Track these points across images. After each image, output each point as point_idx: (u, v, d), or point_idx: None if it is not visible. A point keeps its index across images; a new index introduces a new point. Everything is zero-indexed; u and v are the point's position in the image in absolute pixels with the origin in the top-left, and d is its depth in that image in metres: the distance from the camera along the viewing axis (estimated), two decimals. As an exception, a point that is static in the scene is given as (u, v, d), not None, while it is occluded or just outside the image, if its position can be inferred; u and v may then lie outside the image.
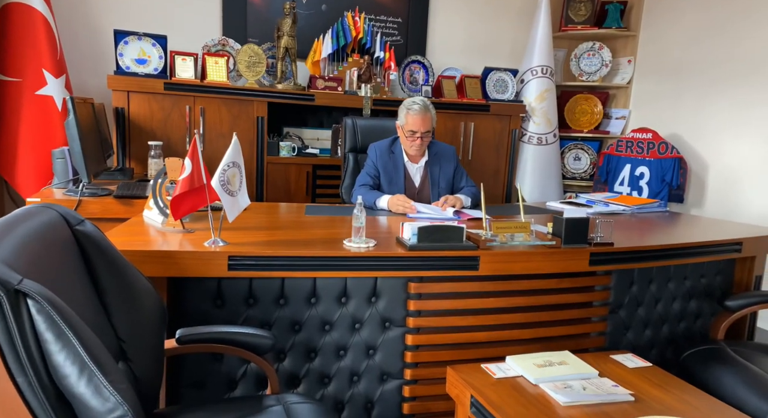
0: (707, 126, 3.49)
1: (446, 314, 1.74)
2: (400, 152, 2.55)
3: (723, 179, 3.39)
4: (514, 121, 3.83)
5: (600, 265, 1.82)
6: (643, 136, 3.62)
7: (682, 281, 2.07)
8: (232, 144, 1.54)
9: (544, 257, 1.75)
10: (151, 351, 1.18)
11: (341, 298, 1.67)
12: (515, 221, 1.80)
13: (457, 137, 3.70)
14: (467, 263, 1.69)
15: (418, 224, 1.67)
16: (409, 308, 1.71)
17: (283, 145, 3.33)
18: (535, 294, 1.81)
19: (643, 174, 3.60)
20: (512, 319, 1.80)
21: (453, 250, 1.67)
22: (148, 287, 1.22)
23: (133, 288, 1.16)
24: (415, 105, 2.40)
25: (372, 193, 2.42)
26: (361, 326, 1.69)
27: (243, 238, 1.68)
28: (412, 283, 1.70)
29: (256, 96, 3.16)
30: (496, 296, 1.77)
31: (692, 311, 2.11)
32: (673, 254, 1.92)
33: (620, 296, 1.95)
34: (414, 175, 2.57)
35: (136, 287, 1.17)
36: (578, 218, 1.79)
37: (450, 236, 1.69)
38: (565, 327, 1.86)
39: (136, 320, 1.15)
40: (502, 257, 1.71)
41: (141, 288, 1.19)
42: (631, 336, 2.00)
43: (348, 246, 1.64)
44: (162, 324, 1.24)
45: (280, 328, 1.62)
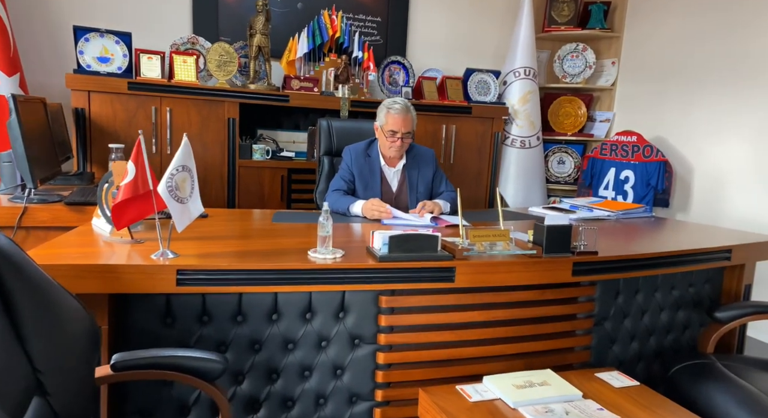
0: (692, 129, 3.42)
1: (420, 330, 1.62)
2: (377, 156, 2.43)
3: (709, 183, 3.32)
4: (497, 124, 3.73)
5: (584, 275, 1.71)
6: (627, 139, 3.54)
7: (670, 291, 1.97)
8: (182, 145, 1.40)
9: (525, 268, 1.63)
10: (77, 382, 1.04)
11: (305, 314, 1.53)
12: (493, 229, 1.68)
13: (438, 140, 3.59)
14: (442, 274, 1.56)
15: (389, 233, 1.55)
16: (380, 324, 1.58)
17: (257, 148, 3.18)
18: (516, 307, 1.69)
19: (628, 178, 3.52)
20: (491, 334, 1.68)
21: (427, 260, 1.55)
22: (77, 308, 1.08)
23: (56, 309, 1.02)
24: (396, 104, 2.28)
25: (345, 199, 2.29)
26: (328, 343, 1.56)
27: (198, 249, 1.54)
28: (383, 296, 1.57)
29: (226, 96, 3.02)
30: (474, 310, 1.65)
31: (680, 321, 2.01)
32: (660, 262, 1.82)
33: (605, 308, 1.85)
34: (391, 180, 2.45)
35: (60, 308, 1.03)
36: (560, 225, 1.68)
37: (423, 245, 1.56)
38: (547, 342, 1.74)
39: (60, 347, 1.01)
40: (479, 267, 1.59)
41: (67, 309, 1.05)
42: (618, 350, 1.89)
43: (313, 257, 1.51)
44: (93, 349, 1.10)
45: (238, 347, 1.48)
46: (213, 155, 3.06)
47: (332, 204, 2.33)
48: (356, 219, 2.21)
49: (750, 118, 3.09)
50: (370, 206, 2.17)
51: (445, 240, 1.68)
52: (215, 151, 3.06)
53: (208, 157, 3.04)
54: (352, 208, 2.24)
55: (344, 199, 2.29)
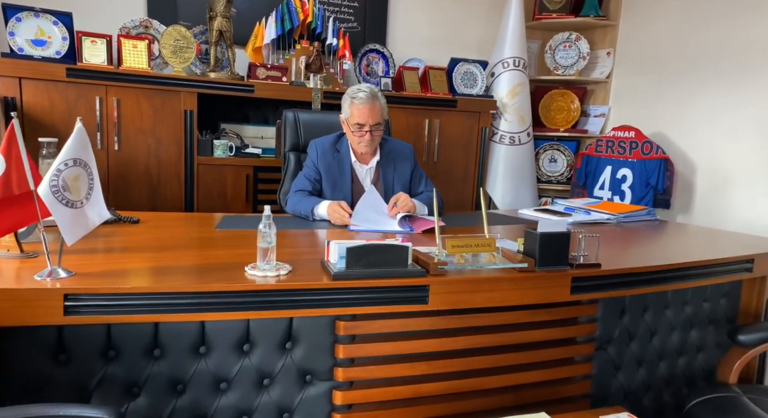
0: (695, 124, 3.16)
1: (388, 362, 1.32)
2: (347, 151, 2.13)
3: (713, 182, 3.07)
4: (484, 119, 3.45)
5: (584, 292, 1.43)
6: (625, 134, 3.28)
7: (682, 308, 1.70)
8: (75, 133, 1.09)
9: (514, 284, 1.35)
10: None
11: (242, 345, 1.23)
12: (476, 238, 1.39)
13: (420, 136, 3.31)
14: (414, 294, 1.27)
15: (346, 244, 1.25)
16: (338, 356, 1.28)
17: (218, 143, 2.87)
18: (503, 331, 1.41)
19: (626, 177, 3.26)
20: (474, 364, 1.39)
21: (394, 277, 1.26)
22: None
23: None
24: (360, 93, 1.98)
25: (309, 200, 1.99)
26: (272, 382, 1.26)
27: (104, 265, 1.23)
28: (340, 322, 1.27)
29: (183, 86, 2.70)
30: (453, 336, 1.37)
31: (693, 343, 1.73)
32: (673, 276, 1.54)
33: (609, 330, 1.57)
34: (363, 179, 2.15)
35: None
36: (556, 233, 1.39)
37: (390, 258, 1.27)
38: (541, 372, 1.46)
39: None
40: (459, 285, 1.30)
41: None
42: (623, 378, 1.61)
43: (251, 275, 1.21)
44: None
45: (154, 389, 1.18)
46: (168, 152, 2.74)
47: (293, 207, 2.03)
48: (322, 225, 1.91)
49: (757, 111, 2.83)
50: (333, 209, 1.88)
51: (417, 251, 1.39)
52: (171, 148, 2.75)
53: (162, 154, 2.73)
54: (317, 209, 1.95)
55: (308, 200, 2.00)
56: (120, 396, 1.15)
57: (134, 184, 2.69)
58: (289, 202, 2.05)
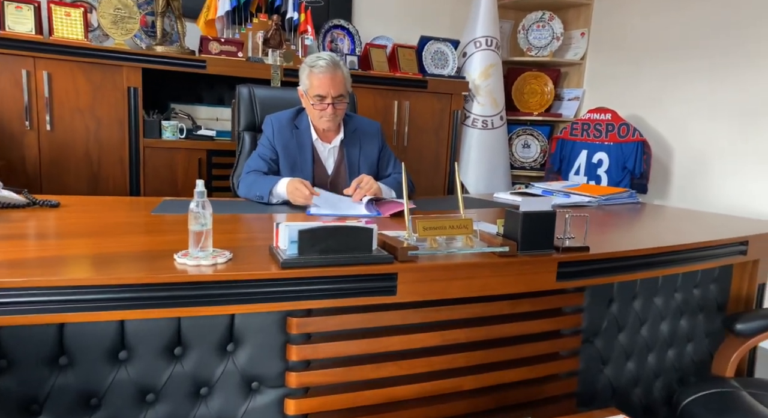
0: (671, 107, 3.07)
1: (350, 363, 1.14)
2: (307, 128, 1.93)
3: (690, 166, 2.98)
4: (456, 101, 3.29)
5: (572, 279, 1.27)
6: (601, 116, 3.16)
7: (672, 295, 1.56)
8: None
9: (494, 271, 1.18)
10: None
11: (173, 348, 1.02)
12: (450, 218, 1.21)
13: (389, 119, 3.12)
14: (380, 284, 1.09)
15: (299, 226, 1.05)
16: (290, 358, 1.09)
17: (167, 125, 2.62)
18: (482, 325, 1.24)
19: (602, 161, 3.15)
20: (449, 363, 1.22)
21: (356, 264, 1.07)
22: None
23: None
24: (320, 61, 1.78)
25: (265, 180, 1.78)
26: (210, 391, 1.06)
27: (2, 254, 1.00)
28: (293, 319, 1.08)
29: (125, 60, 2.44)
30: (425, 331, 1.19)
31: (683, 332, 1.61)
32: (666, 260, 1.40)
33: (596, 320, 1.42)
34: (326, 159, 1.95)
35: None
36: (541, 212, 1.23)
37: (351, 242, 1.08)
38: (524, 369, 1.30)
39: None
40: (431, 272, 1.12)
41: None
42: (610, 373, 1.47)
43: (181, 264, 1.00)
44: None
45: (60, 405, 0.96)
46: (110, 133, 2.47)
47: (247, 189, 1.81)
48: (281, 208, 1.70)
49: (736, 94, 2.75)
50: (294, 187, 1.67)
51: (384, 235, 1.21)
52: (113, 129, 2.48)
53: (103, 136, 2.46)
54: (276, 189, 1.73)
55: (264, 180, 1.78)
56: (15, 415, 0.93)
57: (72, 169, 2.41)
58: (242, 185, 1.83)
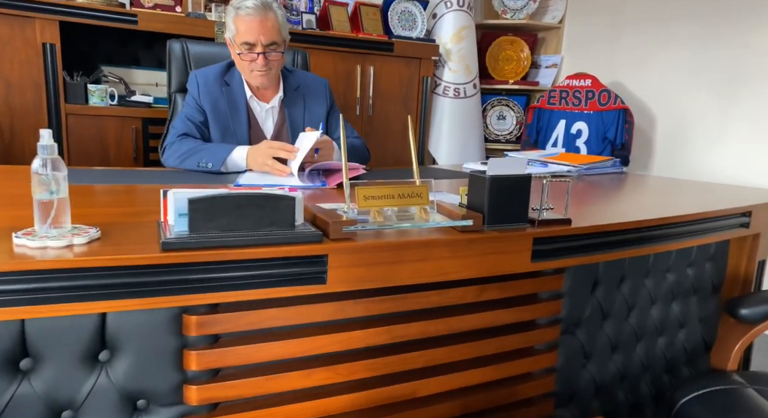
0: (654, 73, 2.86)
1: (270, 371, 0.89)
2: (240, 85, 1.64)
3: (673, 136, 2.79)
4: (425, 67, 3.02)
5: (549, 258, 1.04)
6: (580, 83, 2.93)
7: (664, 276, 1.35)
8: None
9: (454, 250, 0.94)
10: None
11: (17, 361, 0.76)
12: (399, 185, 0.96)
13: (352, 85, 2.84)
14: (305, 269, 0.84)
15: (191, 193, 0.79)
16: (189, 367, 0.84)
17: (94, 89, 2.29)
18: (439, 316, 1.00)
19: (581, 131, 2.93)
20: (400, 365, 0.98)
21: (271, 244, 0.81)
22: None
23: None
24: (248, 1, 1.48)
25: (216, 148, 1.49)
26: (76, 414, 0.80)
27: None
28: (191, 316, 0.82)
29: (38, 11, 2.10)
30: (368, 327, 0.95)
31: (675, 317, 1.40)
32: (660, 234, 1.18)
33: (578, 307, 1.20)
34: (263, 121, 1.68)
35: None
36: (513, 176, 0.98)
37: (265, 215, 0.82)
38: (492, 368, 1.07)
39: None
40: (374, 253, 0.87)
41: None
42: (594, 369, 1.26)
43: (21, 246, 0.73)
44: None
45: None
46: (23, 98, 2.14)
47: (181, 157, 1.51)
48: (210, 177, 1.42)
49: (722, 58, 2.55)
50: (264, 152, 1.40)
51: (314, 207, 0.95)
52: (26, 93, 2.15)
53: (14, 101, 2.13)
54: (232, 160, 1.44)
55: (214, 148, 1.48)
56: None
57: (-22, 139, 2.09)
58: (172, 152, 1.53)
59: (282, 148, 1.38)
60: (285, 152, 1.37)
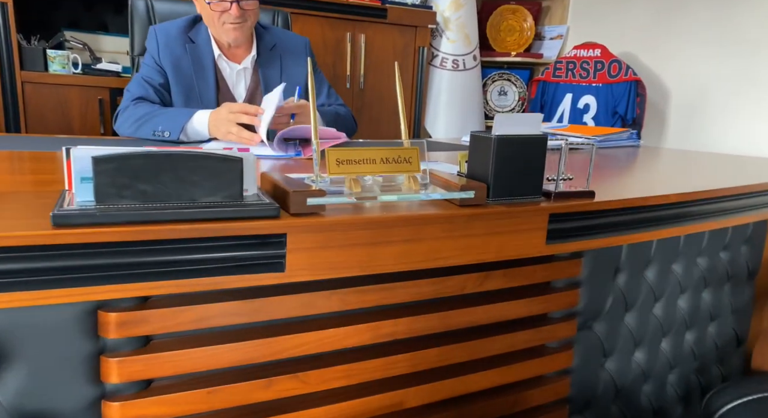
0: (667, 39, 2.64)
1: (220, 380, 0.70)
2: (207, 42, 1.43)
3: (689, 110, 2.58)
4: (422, 36, 2.80)
5: (568, 239, 0.85)
6: (588, 53, 2.72)
7: (694, 260, 1.17)
8: None
9: (450, 229, 0.74)
10: None
11: None
12: (383, 148, 0.76)
13: (342, 55, 2.62)
14: (256, 252, 0.64)
15: (97, 151, 0.59)
16: (108, 379, 0.65)
17: (54, 55, 2.07)
18: (432, 311, 0.82)
19: (589, 106, 2.72)
20: (384, 370, 0.80)
21: (208, 220, 0.62)
22: None
23: None
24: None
25: (172, 113, 1.29)
26: (-47, 441, 0.61)
27: None
28: (109, 313, 0.63)
29: (-14, -35, 1.87)
30: (344, 324, 0.76)
31: (705, 309, 1.22)
32: (696, 211, 0.99)
33: (597, 298, 1.01)
34: (234, 84, 1.47)
35: None
36: (524, 136, 0.79)
37: (201, 181, 0.62)
38: (496, 372, 0.89)
39: None
40: (346, 233, 0.68)
41: None
42: (614, 367, 1.08)
43: None
44: None
45: None
46: (-27, 63, 1.93)
47: (135, 124, 1.31)
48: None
49: (746, 23, 2.33)
50: (223, 117, 1.19)
51: (276, 176, 0.75)
52: (-24, 56, 1.93)
53: (-38, 66, 1.91)
54: (191, 125, 1.24)
55: (169, 113, 1.28)
56: None
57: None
58: (124, 119, 1.33)
59: (243, 110, 1.17)
60: (247, 116, 1.16)
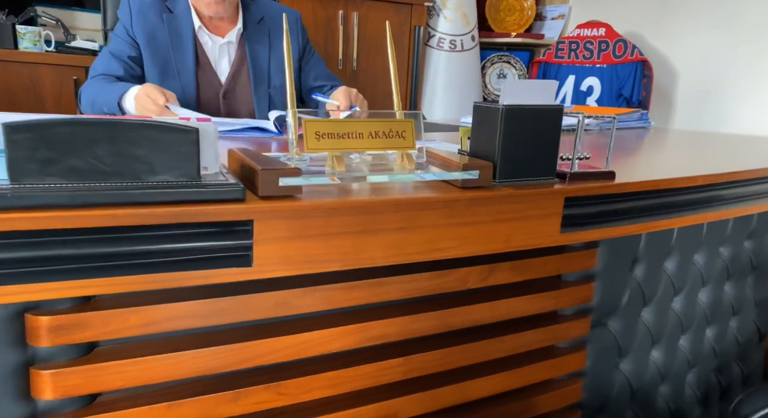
0: (675, 18, 2.52)
1: (174, 394, 0.60)
2: (186, 11, 1.30)
3: (698, 94, 2.47)
4: (418, 14, 2.67)
5: (585, 226, 0.74)
6: (592, 32, 2.59)
7: (717, 250, 1.06)
8: None
9: (451, 216, 0.64)
10: None
11: None
12: (371, 120, 0.65)
13: (333, 34, 2.49)
14: (216, 243, 0.53)
15: (12, 118, 0.47)
16: (40, 394, 0.54)
17: (24, 31, 1.94)
18: (430, 309, 0.71)
19: (592, 88, 2.61)
20: (374, 377, 0.69)
21: (154, 203, 0.50)
22: None
23: None
24: None
25: (113, 87, 1.17)
26: None
27: None
28: (39, 317, 0.52)
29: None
30: (327, 326, 0.65)
31: (728, 302, 1.12)
32: (724, 195, 0.88)
33: (613, 291, 0.91)
34: (216, 60, 1.35)
35: None
36: (537, 107, 0.67)
37: (146, 156, 0.51)
38: (501, 377, 0.79)
39: None
40: (327, 220, 0.57)
41: None
42: (629, 368, 0.98)
43: None
44: None
45: None
46: (-65, 38, 1.79)
47: (91, 102, 1.21)
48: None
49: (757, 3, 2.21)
50: (144, 95, 1.08)
51: (243, 153, 0.64)
52: (-61, 32, 1.79)
53: (-77, 42, 1.78)
54: (126, 101, 1.14)
55: (112, 87, 1.17)
56: None
57: None
58: (84, 96, 1.22)
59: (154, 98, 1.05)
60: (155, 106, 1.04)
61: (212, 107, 1.34)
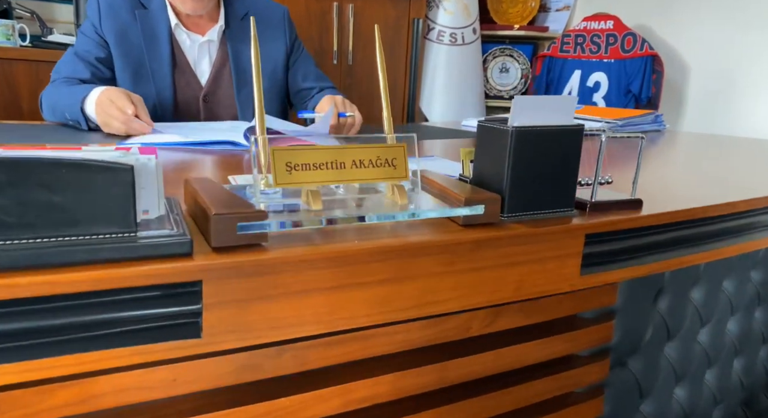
0: (686, 10, 2.39)
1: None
2: (162, 8, 1.19)
3: (711, 91, 2.35)
4: (416, 6, 2.54)
5: (609, 266, 0.63)
6: (600, 25, 2.47)
7: (748, 275, 0.96)
8: None
9: (451, 262, 0.53)
10: None
11: None
12: (356, 147, 0.54)
13: (328, 28, 2.37)
14: (157, 311, 0.42)
15: None
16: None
17: (-4, 26, 1.82)
18: (427, 362, 0.60)
19: (599, 84, 2.48)
20: (358, 449, 0.59)
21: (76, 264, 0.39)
22: None
23: None
24: None
25: (76, 90, 1.06)
26: None
27: None
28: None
29: None
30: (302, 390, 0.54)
31: (758, 330, 1.01)
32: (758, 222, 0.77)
33: (635, 329, 0.80)
34: (195, 61, 1.23)
35: None
36: (552, 128, 0.56)
37: (65, 203, 0.40)
38: (509, 435, 0.68)
39: None
40: (296, 276, 0.46)
41: None
42: (650, 409, 0.87)
43: None
44: None
45: None
46: None
47: (52, 106, 1.09)
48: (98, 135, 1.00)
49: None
50: (106, 99, 0.96)
51: (197, 185, 0.53)
52: None
53: None
54: (88, 105, 1.02)
55: (74, 91, 1.06)
56: None
57: None
58: (45, 101, 1.11)
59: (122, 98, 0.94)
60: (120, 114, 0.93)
61: (191, 112, 1.23)
